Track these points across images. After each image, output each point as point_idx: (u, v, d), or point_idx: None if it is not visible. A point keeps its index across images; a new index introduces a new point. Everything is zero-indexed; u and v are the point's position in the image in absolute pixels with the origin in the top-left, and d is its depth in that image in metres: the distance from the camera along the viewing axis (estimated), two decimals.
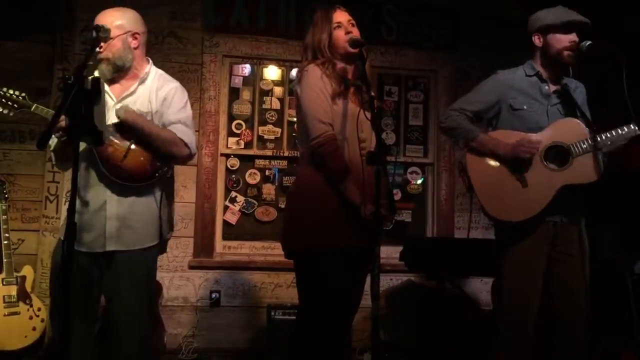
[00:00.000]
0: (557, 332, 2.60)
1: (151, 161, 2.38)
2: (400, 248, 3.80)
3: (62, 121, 2.11)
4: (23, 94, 2.39)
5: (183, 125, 2.46)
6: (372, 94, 2.29)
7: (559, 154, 2.59)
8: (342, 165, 2.28)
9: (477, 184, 2.66)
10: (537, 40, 2.70)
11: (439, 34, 4.64)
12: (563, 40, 2.61)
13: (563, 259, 2.61)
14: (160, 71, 2.57)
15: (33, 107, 2.36)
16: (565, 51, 2.61)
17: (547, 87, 2.69)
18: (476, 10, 4.65)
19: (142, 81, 2.47)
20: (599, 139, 2.54)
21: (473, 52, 4.57)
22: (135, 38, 2.46)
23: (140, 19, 2.53)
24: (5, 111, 2.37)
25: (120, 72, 2.43)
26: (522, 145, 2.56)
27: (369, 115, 2.23)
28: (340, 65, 2.39)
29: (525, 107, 2.66)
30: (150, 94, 2.45)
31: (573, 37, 2.61)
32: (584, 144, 2.55)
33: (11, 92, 2.36)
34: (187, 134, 2.45)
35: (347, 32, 2.38)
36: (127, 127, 2.33)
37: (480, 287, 4.31)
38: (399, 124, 4.71)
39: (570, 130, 2.59)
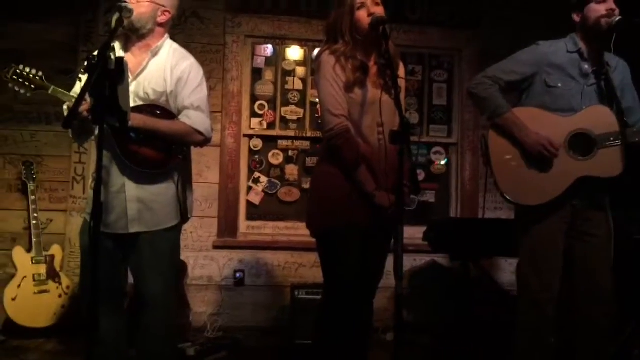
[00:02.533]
0: (578, 313, 2.57)
1: (166, 148, 2.40)
2: (424, 228, 3.78)
3: (86, 103, 2.12)
4: (40, 74, 2.37)
5: (196, 110, 2.44)
6: (397, 72, 2.27)
7: (584, 142, 2.53)
8: (355, 156, 2.29)
9: (496, 162, 2.61)
10: (575, 17, 2.62)
11: (463, 12, 4.55)
12: (599, 10, 2.52)
13: (584, 239, 2.57)
14: (175, 45, 2.53)
15: (51, 90, 2.35)
16: (603, 19, 2.51)
17: (587, 66, 2.59)
18: None
19: (154, 54, 2.43)
20: (627, 131, 2.48)
21: (498, 31, 4.47)
22: (164, 15, 2.45)
23: (177, 1, 2.52)
24: (22, 91, 2.35)
25: (132, 33, 2.40)
26: (544, 147, 2.51)
27: (392, 96, 2.21)
28: (360, 49, 2.36)
29: (560, 84, 2.58)
30: (165, 71, 2.42)
31: (609, 4, 2.51)
32: (611, 136, 2.49)
33: (27, 70, 2.34)
34: (200, 120, 2.43)
35: (370, 14, 2.33)
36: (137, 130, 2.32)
37: (505, 268, 4.28)
38: (423, 104, 4.66)
39: (601, 119, 2.52)
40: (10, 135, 4.12)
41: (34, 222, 3.87)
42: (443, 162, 4.62)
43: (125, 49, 2.43)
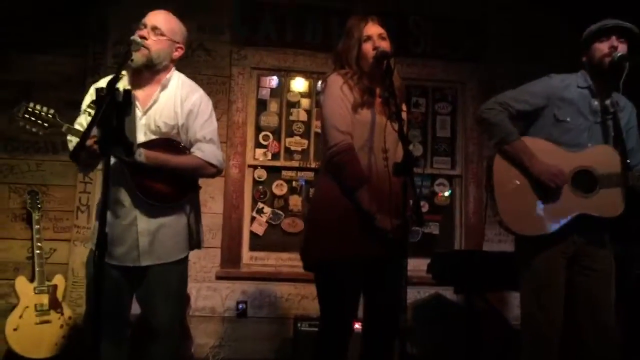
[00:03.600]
0: (582, 346, 2.54)
1: (180, 182, 2.41)
2: (428, 260, 3.76)
3: (93, 136, 2.13)
4: (52, 112, 2.32)
5: (208, 143, 2.47)
6: (401, 105, 2.29)
7: (587, 180, 2.54)
8: (357, 174, 2.27)
9: (498, 189, 2.61)
10: (583, 57, 2.66)
11: (466, 45, 4.61)
12: (602, 48, 2.56)
13: (586, 273, 2.57)
14: (182, 76, 2.56)
15: (64, 128, 2.32)
16: (605, 57, 2.55)
17: (596, 103, 2.62)
18: (503, 22, 4.62)
19: (164, 87, 2.46)
20: (629, 174, 2.50)
21: (501, 63, 4.53)
22: (178, 51, 2.51)
23: (187, 38, 2.57)
24: (35, 129, 2.31)
25: (148, 68, 2.41)
26: (555, 176, 2.51)
27: (395, 126, 2.23)
28: (367, 78, 2.39)
29: (569, 119, 2.60)
30: (175, 104, 2.45)
31: (612, 42, 2.55)
32: (613, 176, 2.51)
33: (39, 108, 2.30)
34: (212, 153, 2.46)
35: (375, 47, 2.37)
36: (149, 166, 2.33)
37: (511, 302, 4.24)
38: (426, 136, 4.68)
39: (606, 158, 2.55)
40: (16, 164, 4.15)
41: (38, 251, 3.86)
42: (447, 194, 4.62)
43: (134, 82, 2.44)
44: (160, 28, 2.42)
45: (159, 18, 2.44)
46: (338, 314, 2.34)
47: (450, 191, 4.63)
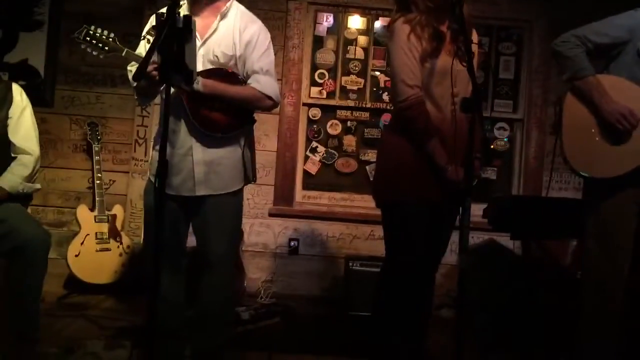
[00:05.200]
0: None
1: (235, 113, 2.38)
2: (484, 206, 3.67)
3: (153, 63, 2.11)
4: (112, 35, 2.32)
5: (265, 75, 2.41)
6: (470, 37, 2.17)
7: None
8: (427, 128, 2.23)
9: (567, 127, 2.49)
10: None
11: None
12: None
13: None
14: (241, 7, 2.49)
15: (124, 52, 2.31)
16: None
17: None
18: None
19: (223, 16, 2.41)
20: None
21: (571, 2, 4.24)
22: None
23: None
24: (95, 52, 2.31)
25: None
26: (625, 118, 2.36)
27: (465, 62, 2.12)
28: (434, 17, 2.28)
29: None
30: (234, 34, 2.39)
31: None
32: None
33: (100, 31, 2.30)
34: (269, 85, 2.41)
35: None
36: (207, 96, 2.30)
37: (568, 250, 4.13)
38: (488, 77, 4.49)
39: None
40: (77, 96, 4.22)
41: (98, 181, 3.97)
42: (506, 139, 4.46)
43: (193, 11, 2.39)
44: None
45: None
46: (403, 254, 2.33)
47: (506, 138, 4.46)
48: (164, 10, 1.98)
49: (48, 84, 4.19)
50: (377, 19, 4.42)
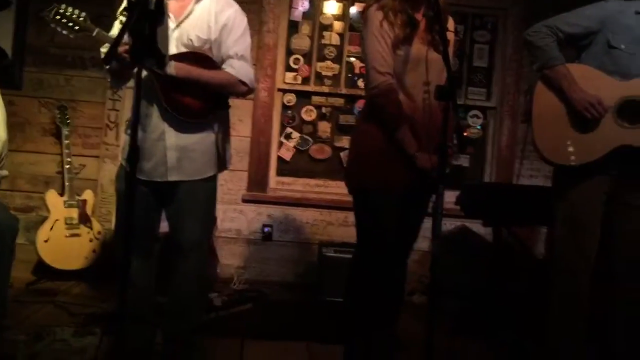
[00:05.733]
0: (616, 287, 2.50)
1: (209, 98, 2.35)
2: (457, 193, 3.70)
3: (125, 43, 2.07)
4: (84, 14, 2.24)
5: (240, 60, 2.38)
6: (446, 25, 2.17)
7: (635, 110, 2.40)
8: (397, 115, 2.22)
9: (537, 115, 2.52)
10: None
11: None
12: None
13: (626, 211, 2.47)
14: None
15: (95, 32, 2.24)
16: None
17: None
18: None
19: (198, 0, 2.37)
20: None
21: None
22: None
23: None
24: (65, 32, 2.23)
25: None
26: (593, 107, 2.39)
27: (440, 51, 2.12)
28: (408, 3, 2.26)
29: (623, 46, 2.43)
30: (210, 17, 2.35)
31: None
32: None
33: (70, 10, 2.22)
34: (244, 70, 2.38)
35: None
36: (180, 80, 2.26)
37: (540, 237, 4.20)
38: (462, 65, 4.51)
39: None
40: (45, 78, 4.11)
41: (67, 166, 3.89)
42: (479, 127, 4.49)
43: None
44: None
45: None
46: (374, 241, 2.33)
47: (479, 126, 4.49)
48: None
49: (16, 65, 4.07)
50: (353, 5, 4.39)
